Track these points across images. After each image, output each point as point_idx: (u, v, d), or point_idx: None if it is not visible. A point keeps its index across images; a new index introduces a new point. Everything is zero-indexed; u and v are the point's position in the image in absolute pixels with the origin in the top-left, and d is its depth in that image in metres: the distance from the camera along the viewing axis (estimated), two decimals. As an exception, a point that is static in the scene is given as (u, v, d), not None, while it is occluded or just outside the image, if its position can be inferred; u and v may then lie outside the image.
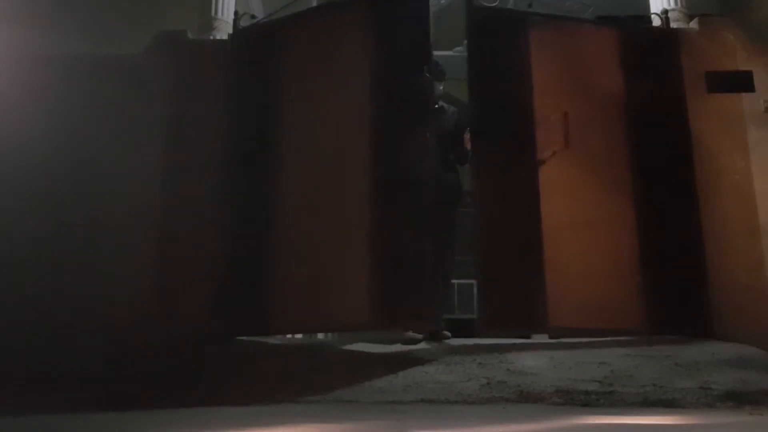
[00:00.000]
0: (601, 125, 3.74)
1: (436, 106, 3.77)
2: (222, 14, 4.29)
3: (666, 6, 4.21)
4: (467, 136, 3.78)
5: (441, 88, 3.99)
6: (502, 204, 3.49)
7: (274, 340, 3.77)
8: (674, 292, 3.60)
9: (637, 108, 3.84)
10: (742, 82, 3.93)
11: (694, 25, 4.13)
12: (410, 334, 3.65)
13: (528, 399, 2.69)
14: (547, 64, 3.71)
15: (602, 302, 3.48)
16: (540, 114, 3.61)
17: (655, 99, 3.90)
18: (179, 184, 3.65)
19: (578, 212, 3.57)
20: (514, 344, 3.68)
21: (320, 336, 7.68)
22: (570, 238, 3.51)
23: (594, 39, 3.91)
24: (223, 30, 4.21)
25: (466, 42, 3.87)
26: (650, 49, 3.99)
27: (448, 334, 3.80)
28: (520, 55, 3.67)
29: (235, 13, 4.04)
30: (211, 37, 4.21)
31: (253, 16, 4.19)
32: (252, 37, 3.96)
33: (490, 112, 3.59)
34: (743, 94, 3.93)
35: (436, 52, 3.72)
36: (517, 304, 3.37)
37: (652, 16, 4.19)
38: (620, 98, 3.84)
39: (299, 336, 4.45)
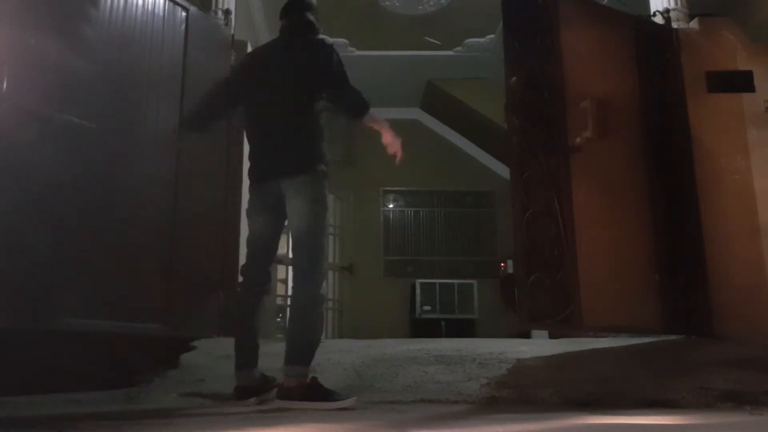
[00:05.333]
0: (615, 118, 3.66)
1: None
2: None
3: (666, 5, 4.21)
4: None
5: None
6: (539, 192, 3.31)
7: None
8: (674, 291, 3.59)
9: (642, 102, 3.82)
10: (742, 82, 3.94)
11: (694, 25, 4.13)
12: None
13: (527, 399, 2.68)
14: (575, 46, 3.59)
15: (625, 300, 3.42)
16: (570, 98, 3.48)
17: (656, 98, 3.90)
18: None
19: (602, 205, 3.48)
20: (514, 344, 3.68)
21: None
22: (596, 232, 3.40)
23: (614, 27, 3.86)
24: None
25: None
26: (654, 46, 3.98)
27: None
28: (552, 35, 3.54)
29: None
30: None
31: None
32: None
33: (527, 93, 3.40)
34: (743, 94, 3.93)
35: (436, 52, 3.59)
36: (556, 298, 3.21)
37: (655, 14, 4.19)
38: (631, 92, 3.81)
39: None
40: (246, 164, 4.25)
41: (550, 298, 3.20)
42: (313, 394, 2.47)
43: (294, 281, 2.63)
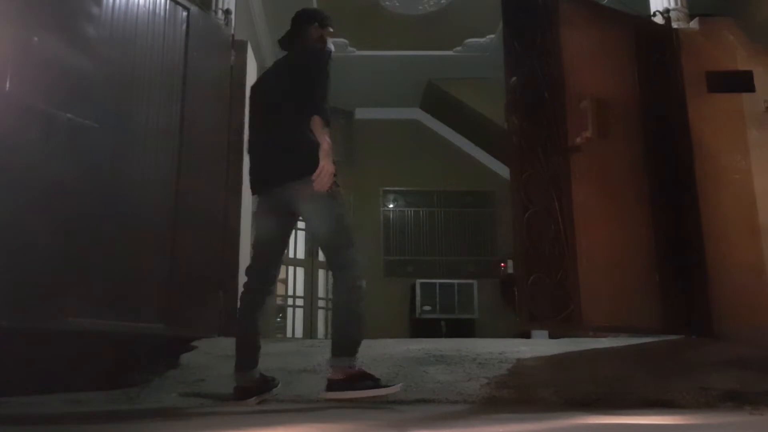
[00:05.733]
0: (615, 118, 3.65)
1: None
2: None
3: (666, 5, 4.21)
4: None
5: None
6: (539, 191, 3.31)
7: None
8: (674, 291, 3.59)
9: (642, 102, 3.82)
10: (742, 82, 3.93)
11: (694, 24, 4.13)
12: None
13: (528, 399, 2.69)
14: (575, 46, 3.59)
15: (625, 300, 3.41)
16: (570, 98, 3.48)
17: (656, 98, 3.90)
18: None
19: (602, 205, 3.47)
20: (514, 344, 3.68)
21: (320, 336, 7.73)
22: (596, 232, 3.40)
23: (614, 27, 3.86)
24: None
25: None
26: (655, 47, 3.98)
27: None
28: (552, 34, 3.53)
29: None
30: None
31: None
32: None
33: (527, 93, 3.40)
34: (743, 94, 3.93)
35: (436, 52, 3.57)
36: (556, 298, 3.21)
37: (655, 14, 4.19)
38: (631, 92, 3.81)
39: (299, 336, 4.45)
40: (246, 164, 4.27)
41: (550, 298, 3.20)
42: (359, 383, 2.51)
43: (333, 279, 2.71)
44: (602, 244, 3.39)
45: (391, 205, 8.76)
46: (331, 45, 2.96)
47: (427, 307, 7.71)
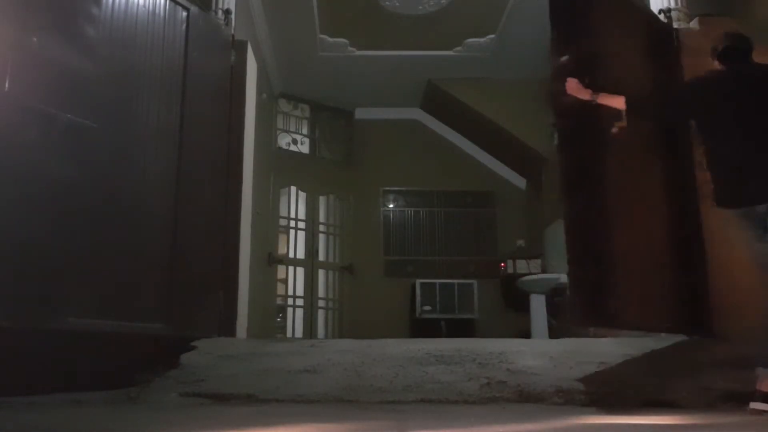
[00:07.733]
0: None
1: None
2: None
3: (667, 5, 4.21)
4: None
5: None
6: (587, 189, 3.27)
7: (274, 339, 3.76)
8: (675, 291, 3.59)
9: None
10: (743, 82, 3.92)
11: (694, 24, 4.13)
12: None
13: (528, 399, 2.69)
14: (609, 37, 3.57)
15: (647, 298, 3.39)
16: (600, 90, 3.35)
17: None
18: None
19: (629, 198, 3.44)
20: (514, 344, 3.68)
21: (320, 336, 7.73)
22: (623, 228, 3.37)
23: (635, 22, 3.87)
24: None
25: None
26: (656, 46, 3.97)
27: None
28: (590, 23, 3.50)
29: None
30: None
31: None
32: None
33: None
34: (743, 94, 3.92)
35: (436, 52, 3.51)
36: (600, 297, 3.16)
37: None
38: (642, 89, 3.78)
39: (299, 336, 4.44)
40: (247, 164, 4.27)
41: (594, 298, 3.16)
42: None
43: None
44: (624, 243, 3.34)
45: (391, 205, 8.76)
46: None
47: (427, 307, 7.70)
